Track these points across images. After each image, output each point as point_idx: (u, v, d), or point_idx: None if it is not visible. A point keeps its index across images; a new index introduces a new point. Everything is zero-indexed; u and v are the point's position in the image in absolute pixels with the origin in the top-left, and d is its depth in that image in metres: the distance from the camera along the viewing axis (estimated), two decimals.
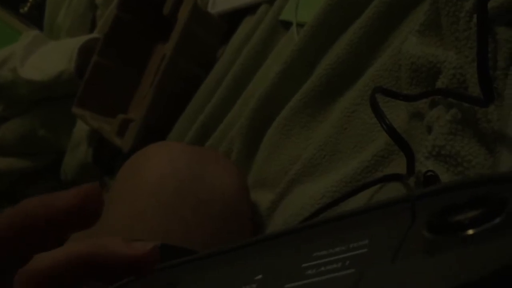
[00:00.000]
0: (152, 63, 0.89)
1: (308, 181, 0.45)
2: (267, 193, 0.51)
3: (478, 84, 0.27)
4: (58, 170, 1.04)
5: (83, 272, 0.22)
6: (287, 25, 0.64)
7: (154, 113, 0.75)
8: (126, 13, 0.88)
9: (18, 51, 0.98)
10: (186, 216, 0.44)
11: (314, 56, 0.52)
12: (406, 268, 0.16)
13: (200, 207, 0.45)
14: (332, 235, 0.20)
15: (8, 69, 0.96)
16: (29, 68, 0.96)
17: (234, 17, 0.78)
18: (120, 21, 0.88)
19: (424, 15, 0.36)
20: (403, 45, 0.37)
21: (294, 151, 0.49)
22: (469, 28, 0.29)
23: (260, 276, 0.21)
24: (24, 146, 1.05)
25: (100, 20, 1.05)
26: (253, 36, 0.68)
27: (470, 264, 0.14)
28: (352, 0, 0.50)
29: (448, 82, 0.30)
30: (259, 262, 0.22)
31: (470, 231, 0.14)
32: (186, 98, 0.76)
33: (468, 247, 0.14)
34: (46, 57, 0.97)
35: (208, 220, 0.45)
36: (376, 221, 0.19)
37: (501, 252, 0.13)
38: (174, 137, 0.73)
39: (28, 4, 2.02)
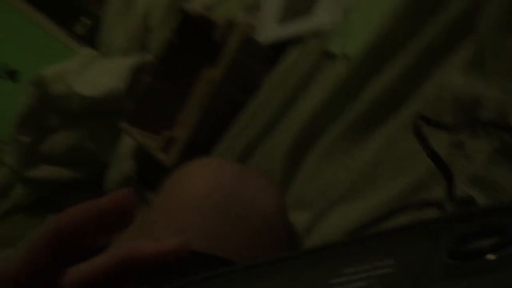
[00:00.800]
0: (199, 84, 0.93)
1: (347, 204, 0.47)
2: (306, 214, 0.53)
3: None
4: (99, 183, 1.09)
5: (122, 275, 0.24)
6: (332, 56, 0.67)
7: (198, 132, 0.78)
8: (178, 38, 0.93)
9: (74, 67, 1.04)
10: (226, 229, 0.46)
11: (358, 86, 0.54)
12: None
13: (239, 222, 0.47)
14: (359, 254, 0.21)
15: (64, 83, 1.02)
16: (83, 83, 1.01)
17: (281, 47, 0.81)
18: (173, 44, 0.93)
19: (468, 52, 0.38)
20: (447, 80, 0.39)
21: (334, 175, 0.51)
22: None
23: None
24: (70, 157, 1.10)
25: (152, 42, 1.10)
26: (298, 65, 0.71)
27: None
28: (398, 36, 0.52)
29: (490, 115, 0.32)
30: (289, 277, 0.24)
31: (491, 257, 0.15)
32: (228, 119, 0.80)
33: (488, 272, 0.15)
34: (99, 75, 1.02)
35: (246, 235, 0.47)
36: (401, 243, 0.21)
37: None
38: (217, 155, 0.76)
39: (83, 24, 2.13)
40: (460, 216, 0.19)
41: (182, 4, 1.04)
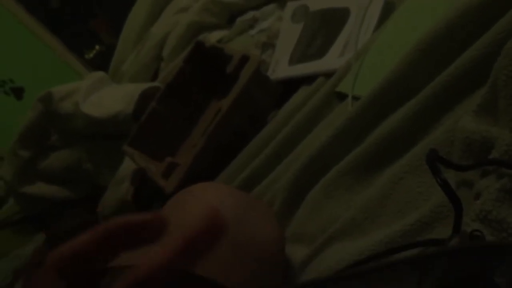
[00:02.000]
0: (205, 114, 0.94)
1: (347, 240, 0.47)
2: (304, 248, 0.52)
3: None
4: (92, 204, 1.08)
5: (101, 250, 0.26)
6: (342, 97, 0.68)
7: (201, 160, 0.78)
8: (190, 67, 0.94)
9: (83, 87, 1.06)
10: (225, 255, 0.46)
11: (366, 126, 0.55)
12: None
13: (239, 249, 0.47)
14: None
15: (71, 102, 1.03)
16: (90, 104, 1.02)
17: (290, 85, 0.83)
18: (183, 73, 0.94)
19: (481, 98, 0.38)
20: (459, 122, 0.40)
21: (335, 211, 0.51)
22: None
23: None
24: (68, 176, 1.09)
25: (163, 72, 1.12)
26: (307, 103, 0.73)
27: None
28: (410, 80, 0.54)
29: (500, 156, 0.33)
30: None
31: None
32: (232, 151, 0.80)
33: None
34: (107, 97, 1.04)
35: (245, 263, 0.46)
36: (390, 277, 0.21)
37: None
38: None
39: (94, 51, 2.17)
40: (437, 254, 0.20)
41: (196, 36, 1.06)
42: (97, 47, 2.16)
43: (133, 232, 0.25)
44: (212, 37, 1.04)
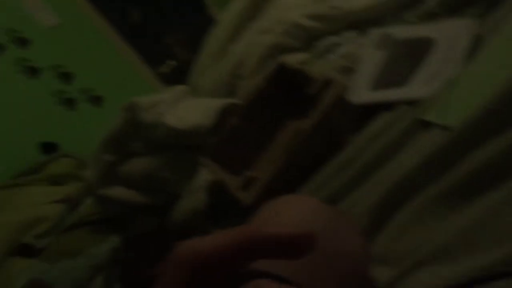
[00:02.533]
0: (283, 133, 0.97)
1: (438, 265, 0.48)
2: (389, 270, 0.53)
3: None
4: (166, 211, 1.12)
5: (240, 258, 0.25)
6: (426, 126, 0.69)
7: (279, 176, 0.81)
8: (270, 87, 0.98)
9: (167, 99, 1.11)
10: (318, 267, 0.47)
11: (457, 156, 0.56)
12: None
13: (330, 262, 0.48)
14: None
15: (155, 113, 1.09)
16: (172, 116, 1.08)
17: (367, 110, 0.84)
18: (264, 92, 0.98)
19: None
20: None
21: (425, 236, 0.52)
22: None
23: None
24: (146, 182, 1.15)
25: (241, 89, 1.16)
26: (390, 129, 0.74)
27: None
28: (503, 114, 0.54)
29: None
30: None
31: None
32: (308, 172, 0.82)
33: None
34: (189, 110, 1.09)
35: (332, 275, 0.48)
36: None
37: None
38: None
39: (169, 66, 2.27)
40: None
41: (276, 56, 1.10)
42: (171, 62, 2.25)
43: (281, 244, 0.25)
44: (293, 59, 1.07)
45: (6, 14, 1.82)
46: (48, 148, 1.76)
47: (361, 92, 0.86)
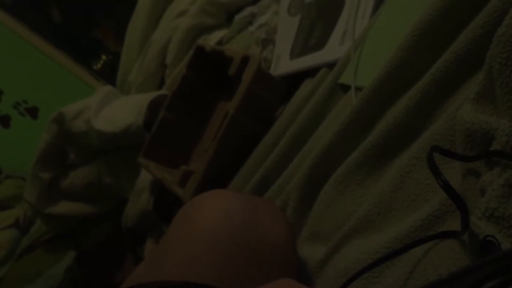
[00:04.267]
0: (214, 118, 0.95)
1: (362, 237, 0.47)
2: (321, 246, 0.52)
3: None
4: (118, 217, 1.10)
5: None
6: (345, 88, 0.68)
7: (214, 166, 0.79)
8: (193, 72, 0.95)
9: (93, 104, 1.07)
10: (239, 264, 0.46)
11: (371, 118, 0.55)
12: None
13: (251, 256, 0.47)
14: None
15: (83, 120, 1.05)
16: (101, 120, 1.04)
17: (294, 79, 0.82)
18: (188, 79, 0.95)
19: (479, 85, 0.38)
20: (458, 112, 0.39)
21: (348, 207, 0.51)
22: None
23: None
24: (90, 192, 1.12)
25: (168, 78, 1.13)
26: (312, 97, 0.72)
27: None
28: (409, 67, 0.53)
29: (501, 149, 0.32)
30: None
31: None
32: (244, 153, 0.81)
33: None
34: (117, 111, 1.05)
35: (258, 269, 0.47)
36: None
37: None
38: (233, 189, 0.76)
39: (101, 62, 2.19)
40: (472, 268, 0.21)
41: (197, 38, 1.06)
42: (103, 57, 2.17)
43: None
44: (212, 38, 1.04)
45: None
46: None
47: (282, 63, 0.84)
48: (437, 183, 0.31)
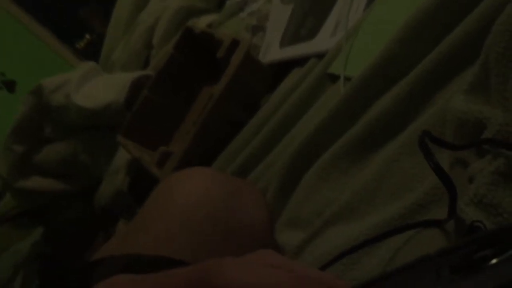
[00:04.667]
0: (198, 101, 0.93)
1: (343, 223, 0.46)
2: (299, 232, 0.52)
3: None
4: (90, 196, 1.07)
5: None
6: (334, 78, 0.67)
7: (194, 148, 0.77)
8: (180, 53, 0.93)
9: (74, 78, 1.04)
10: (215, 242, 0.45)
11: (359, 107, 0.54)
12: None
13: (228, 235, 0.46)
14: None
15: (63, 94, 1.02)
16: (82, 95, 1.01)
17: (283, 68, 0.82)
18: (174, 60, 0.93)
19: (473, 76, 0.38)
20: (450, 102, 0.39)
21: (330, 194, 0.51)
22: None
23: None
24: (64, 169, 1.09)
25: (154, 59, 1.11)
26: (300, 86, 0.72)
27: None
28: (401, 59, 0.53)
29: (492, 137, 0.32)
30: None
31: (494, 261, 0.18)
32: (226, 139, 0.79)
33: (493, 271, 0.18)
34: (99, 87, 1.02)
35: (235, 249, 0.46)
36: (405, 281, 0.22)
37: None
38: None
39: (85, 40, 2.14)
40: (458, 246, 0.21)
41: (185, 21, 1.05)
42: (87, 36, 2.13)
43: None
44: (202, 22, 1.02)
45: None
46: None
47: (271, 51, 0.83)
48: (428, 165, 0.31)
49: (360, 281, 0.24)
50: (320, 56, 0.73)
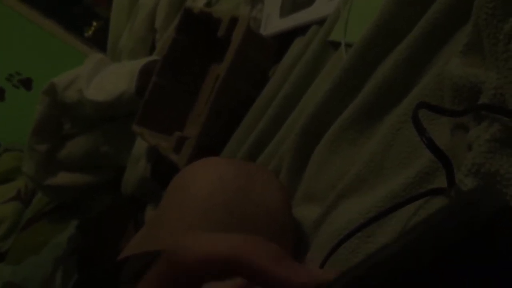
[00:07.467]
0: (207, 82, 0.93)
1: (355, 196, 0.47)
2: (316, 207, 0.52)
3: None
4: (119, 185, 1.10)
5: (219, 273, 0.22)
6: (336, 45, 0.66)
7: (208, 131, 0.78)
8: (183, 36, 0.93)
9: (84, 73, 1.05)
10: (233, 229, 0.46)
11: (361, 75, 0.54)
12: None
13: (246, 222, 0.47)
14: None
15: (75, 90, 1.03)
16: (93, 89, 1.02)
17: (285, 38, 0.81)
18: (178, 43, 0.93)
19: (467, 37, 0.37)
20: (446, 66, 0.38)
21: (342, 167, 0.51)
22: (508, 50, 0.30)
23: None
24: (88, 162, 1.11)
25: (159, 43, 1.11)
26: (303, 56, 0.71)
27: None
28: (398, 22, 0.51)
29: (488, 102, 0.31)
30: None
31: None
32: (239, 117, 0.80)
33: None
34: (109, 79, 1.03)
35: (254, 233, 0.47)
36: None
37: None
38: (227, 153, 0.76)
39: (92, 28, 2.15)
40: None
41: (185, 1, 1.04)
42: (95, 23, 2.13)
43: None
44: (200, 1, 1.01)
45: None
46: None
47: (271, 22, 0.82)
48: (421, 141, 0.31)
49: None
50: (320, 22, 0.72)
